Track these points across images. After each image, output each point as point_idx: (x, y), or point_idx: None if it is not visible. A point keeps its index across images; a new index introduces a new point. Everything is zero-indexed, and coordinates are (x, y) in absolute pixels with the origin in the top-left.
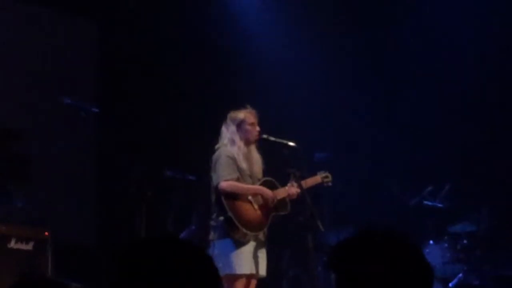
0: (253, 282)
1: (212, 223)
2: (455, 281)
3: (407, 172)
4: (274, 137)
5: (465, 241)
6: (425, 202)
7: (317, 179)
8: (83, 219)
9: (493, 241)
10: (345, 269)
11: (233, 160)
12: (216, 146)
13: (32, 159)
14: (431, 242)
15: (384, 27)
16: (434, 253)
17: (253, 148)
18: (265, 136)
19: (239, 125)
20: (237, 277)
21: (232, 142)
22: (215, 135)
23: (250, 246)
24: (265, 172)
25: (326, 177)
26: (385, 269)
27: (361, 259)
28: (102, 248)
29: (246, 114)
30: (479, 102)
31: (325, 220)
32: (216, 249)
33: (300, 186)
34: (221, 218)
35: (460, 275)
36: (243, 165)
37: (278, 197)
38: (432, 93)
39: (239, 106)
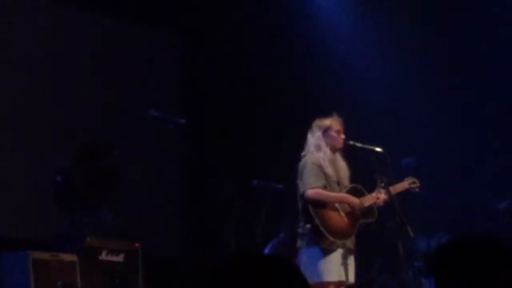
0: None
1: (300, 230)
2: None
3: (496, 175)
4: (361, 143)
5: None
6: None
7: (404, 185)
8: (172, 231)
9: None
10: (445, 273)
11: (319, 167)
12: (302, 154)
13: (120, 173)
14: None
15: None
16: None
17: (338, 155)
18: (351, 142)
19: (325, 131)
20: (326, 284)
21: (318, 148)
22: (301, 143)
23: (338, 254)
24: (352, 179)
25: (414, 182)
26: (485, 275)
27: (460, 264)
28: (191, 260)
29: (332, 122)
30: None
31: (414, 226)
32: (304, 256)
33: (388, 192)
34: (308, 226)
35: None
36: (330, 171)
37: (365, 204)
38: None
39: (325, 114)
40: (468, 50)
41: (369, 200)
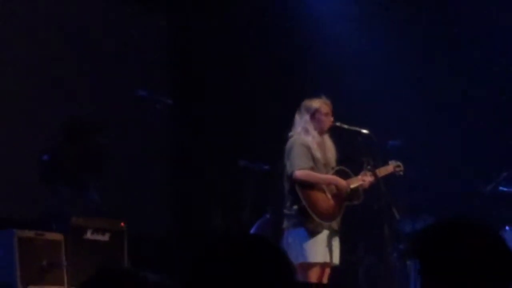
0: (327, 271)
1: (286, 212)
2: None
3: (481, 158)
4: (348, 124)
5: None
6: (501, 188)
7: (389, 168)
8: (158, 210)
9: None
10: (430, 255)
11: (308, 148)
12: (290, 134)
13: (108, 152)
14: (507, 228)
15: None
16: (510, 239)
17: (326, 136)
18: (338, 123)
19: (313, 114)
20: (311, 265)
21: (306, 131)
22: (289, 124)
23: (323, 235)
24: (339, 160)
25: (398, 166)
26: (470, 257)
27: (445, 247)
28: (177, 238)
29: (320, 104)
30: None
31: (400, 208)
32: (290, 238)
33: (374, 174)
34: (295, 207)
35: None
36: (318, 154)
37: (352, 187)
38: (509, 76)
39: (313, 95)
40: (456, 33)
41: (355, 182)
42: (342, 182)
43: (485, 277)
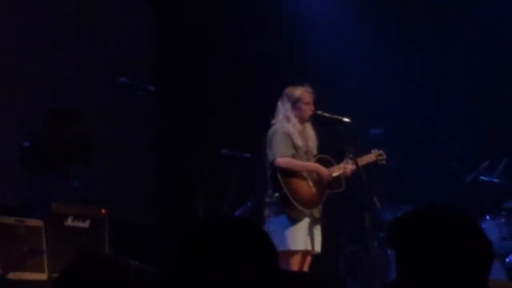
0: (308, 259)
1: (268, 199)
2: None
3: (463, 148)
4: (329, 113)
5: None
6: (482, 177)
7: (371, 157)
8: (141, 198)
9: None
10: (405, 245)
11: (289, 136)
12: (272, 122)
13: (90, 139)
14: (488, 217)
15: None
16: (491, 228)
17: (308, 124)
18: (320, 112)
19: (294, 103)
20: (292, 253)
21: (287, 119)
22: (271, 112)
23: (304, 223)
24: (320, 149)
25: (381, 155)
26: (445, 245)
27: (421, 235)
28: (159, 226)
29: (302, 93)
30: None
31: (382, 197)
32: (271, 225)
33: (355, 163)
34: (277, 194)
35: None
36: (299, 142)
37: (334, 175)
38: (493, 69)
39: (296, 83)
40: (439, 21)
41: (337, 170)
42: (323, 169)
43: (462, 266)
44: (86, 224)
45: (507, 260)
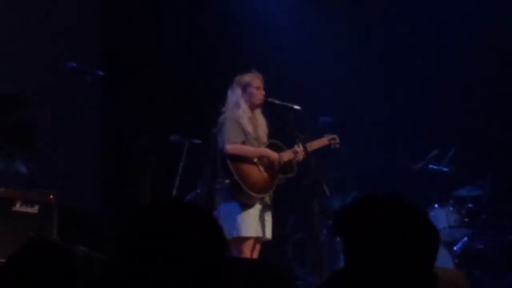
0: (258, 246)
1: (218, 186)
2: (459, 245)
3: (412, 136)
4: (279, 100)
5: (470, 205)
6: (431, 166)
7: (324, 141)
8: (88, 183)
9: (498, 205)
10: (350, 233)
11: (238, 123)
12: (222, 110)
13: (36, 124)
14: (436, 206)
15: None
16: (439, 217)
17: (258, 112)
18: (270, 99)
19: (244, 88)
20: (244, 239)
21: (237, 105)
22: (221, 99)
23: (256, 209)
24: (270, 136)
25: (333, 139)
26: (391, 233)
27: (365, 223)
28: (106, 212)
29: (252, 78)
30: (485, 66)
31: (331, 185)
32: (222, 212)
33: (305, 149)
34: (227, 181)
35: (465, 239)
36: (248, 128)
37: (284, 159)
38: (439, 55)
39: (244, 70)
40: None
41: (288, 155)
42: (273, 154)
43: (408, 253)
44: (34, 209)
45: (455, 248)
